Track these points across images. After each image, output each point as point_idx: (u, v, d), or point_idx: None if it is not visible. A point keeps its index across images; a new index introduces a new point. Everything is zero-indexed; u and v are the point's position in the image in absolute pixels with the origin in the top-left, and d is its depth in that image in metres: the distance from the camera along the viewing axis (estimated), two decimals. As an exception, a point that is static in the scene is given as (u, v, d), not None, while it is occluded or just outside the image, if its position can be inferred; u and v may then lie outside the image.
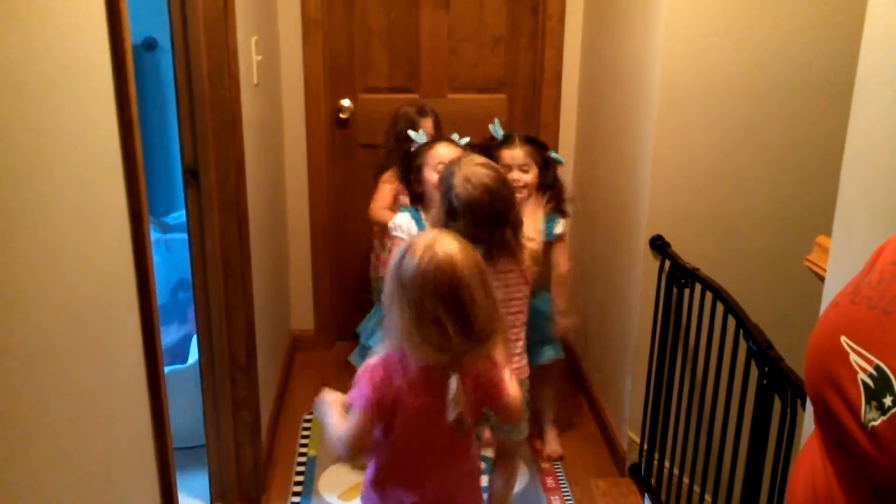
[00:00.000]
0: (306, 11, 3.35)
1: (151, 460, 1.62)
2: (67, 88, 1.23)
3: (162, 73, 3.54)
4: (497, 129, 2.70)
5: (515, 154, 2.60)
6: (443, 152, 2.48)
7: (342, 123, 3.55)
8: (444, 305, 1.55)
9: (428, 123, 2.91)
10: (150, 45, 3.59)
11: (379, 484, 1.75)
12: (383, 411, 1.63)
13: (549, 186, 2.65)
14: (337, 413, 1.67)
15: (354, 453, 1.69)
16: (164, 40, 3.38)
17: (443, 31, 3.46)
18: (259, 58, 2.72)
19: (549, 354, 2.85)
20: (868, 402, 0.81)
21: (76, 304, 1.26)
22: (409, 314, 1.56)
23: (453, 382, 1.59)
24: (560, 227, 2.69)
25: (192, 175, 2.30)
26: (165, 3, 2.16)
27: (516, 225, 2.12)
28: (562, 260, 2.74)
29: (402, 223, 2.44)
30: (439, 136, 2.87)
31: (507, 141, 2.64)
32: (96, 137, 1.35)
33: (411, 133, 2.67)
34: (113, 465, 1.42)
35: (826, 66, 2.48)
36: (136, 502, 1.55)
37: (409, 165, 2.54)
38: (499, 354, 1.73)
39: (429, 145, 2.55)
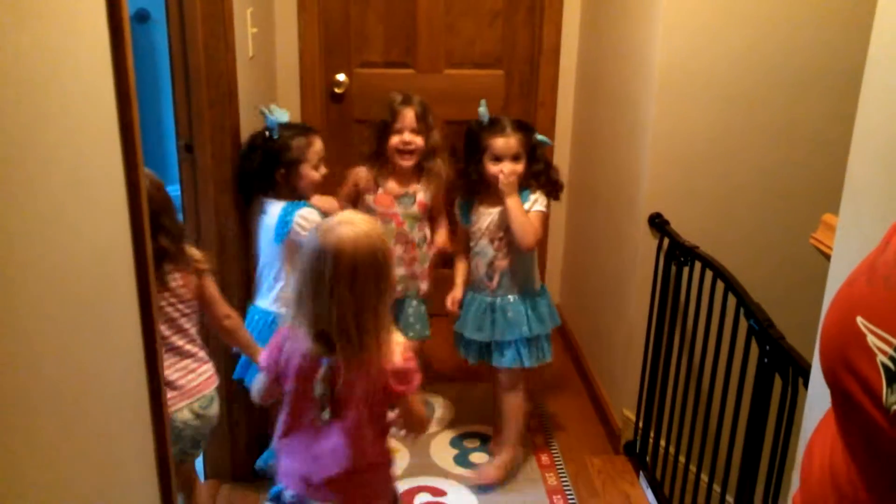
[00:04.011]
0: (302, -17, 3.30)
1: (149, 435, 1.60)
2: (63, 57, 1.19)
3: (155, 45, 3.49)
4: (485, 112, 2.54)
5: (511, 143, 2.47)
6: (322, 146, 2.41)
7: (337, 98, 3.51)
8: (324, 284, 1.62)
9: (409, 113, 2.67)
10: (142, 17, 3.55)
11: (279, 438, 1.84)
12: (277, 375, 1.79)
13: (541, 173, 2.54)
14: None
15: (264, 402, 1.91)
16: (157, 12, 3.34)
17: (440, 6, 3.42)
18: (254, 30, 2.68)
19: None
20: (890, 385, 0.79)
21: (73, 277, 1.24)
22: (302, 287, 1.67)
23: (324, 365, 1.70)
24: (532, 203, 2.51)
25: (186, 149, 2.27)
26: (159, -28, 2.12)
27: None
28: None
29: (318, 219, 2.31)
30: (423, 127, 2.69)
31: (499, 127, 2.49)
32: (93, 108, 1.32)
33: (262, 109, 2.42)
34: (111, 436, 1.41)
35: (827, 44, 2.46)
36: (133, 473, 1.54)
37: (274, 155, 2.37)
38: (389, 360, 1.71)
39: (307, 140, 2.41)
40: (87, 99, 1.30)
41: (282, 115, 2.42)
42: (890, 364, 0.79)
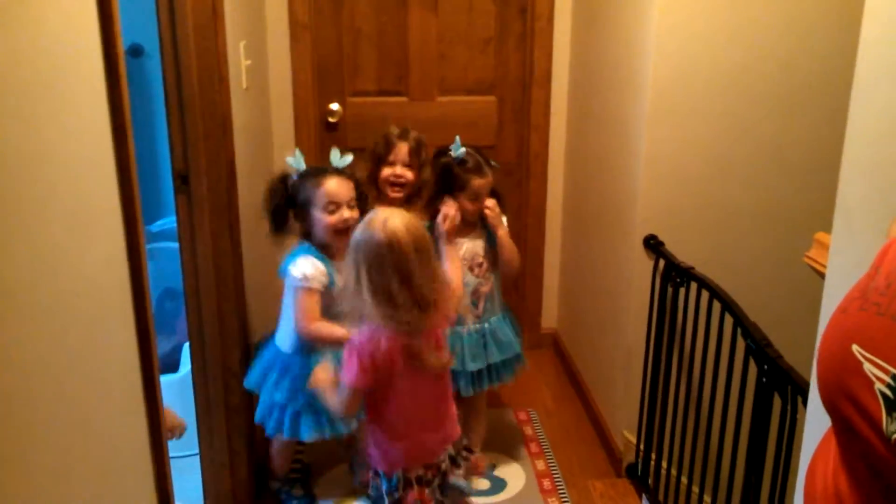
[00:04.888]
0: (294, 14, 3.33)
1: (148, 469, 1.60)
2: (60, 93, 1.21)
3: (148, 79, 3.51)
4: (457, 148, 2.56)
5: (489, 182, 2.56)
6: (333, 189, 2.37)
7: (331, 127, 3.52)
8: (396, 278, 1.83)
9: (403, 147, 2.69)
10: (136, 52, 3.56)
11: (391, 437, 2.03)
12: (373, 384, 1.93)
13: (496, 193, 2.64)
14: (329, 389, 2.03)
15: (350, 415, 2.19)
16: (151, 47, 3.36)
17: (431, 34, 3.45)
18: (248, 62, 2.70)
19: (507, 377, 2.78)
20: (889, 413, 0.79)
21: (70, 312, 1.24)
22: (371, 292, 1.85)
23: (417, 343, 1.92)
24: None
25: (182, 180, 2.28)
26: (152, 9, 2.13)
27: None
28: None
29: (309, 270, 2.35)
30: (415, 162, 2.70)
31: (478, 167, 2.55)
32: (89, 142, 1.33)
33: (288, 159, 2.47)
34: (110, 474, 1.40)
35: (820, 62, 2.48)
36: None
37: (289, 198, 2.42)
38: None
39: (316, 181, 2.39)
40: (84, 134, 1.31)
41: (298, 161, 2.46)
42: (888, 392, 0.79)
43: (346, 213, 2.38)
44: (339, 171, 2.45)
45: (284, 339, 2.47)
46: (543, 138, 3.55)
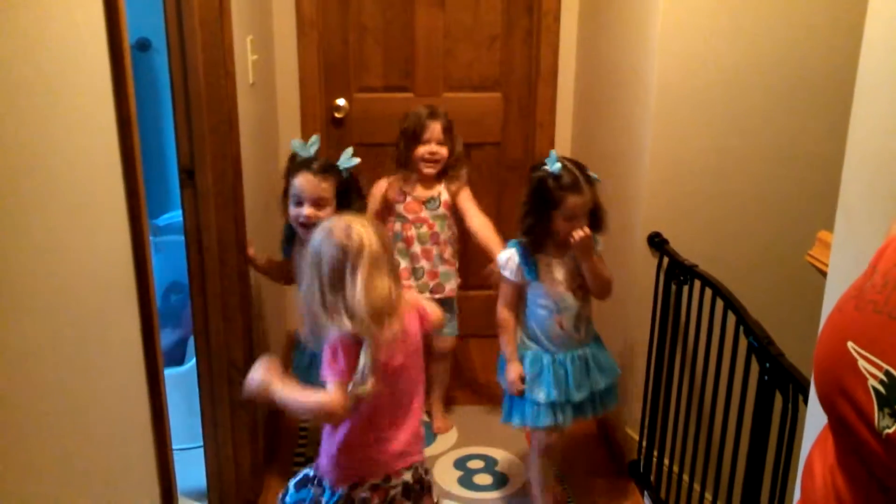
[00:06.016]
0: (301, 10, 3.34)
1: (152, 461, 1.61)
2: (65, 86, 1.22)
3: (156, 74, 3.52)
4: (556, 164, 2.31)
5: (586, 201, 2.31)
6: (300, 183, 2.38)
7: (338, 123, 3.53)
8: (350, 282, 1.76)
9: (436, 126, 2.85)
10: (143, 46, 3.58)
11: (354, 447, 1.89)
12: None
13: (597, 213, 2.39)
14: (293, 388, 1.83)
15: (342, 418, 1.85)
16: (158, 41, 3.37)
17: (438, 30, 3.45)
18: (254, 57, 2.71)
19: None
20: (881, 408, 0.80)
21: (75, 305, 1.25)
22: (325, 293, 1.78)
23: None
24: (598, 246, 2.42)
25: (188, 175, 2.29)
26: (160, 3, 2.14)
27: None
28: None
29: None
30: (448, 139, 2.88)
31: (575, 185, 2.28)
32: (94, 135, 1.34)
33: (293, 142, 2.49)
34: (113, 466, 1.41)
35: (823, 61, 2.48)
36: (136, 503, 1.54)
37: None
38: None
39: (295, 171, 2.41)
40: (89, 127, 1.31)
41: (304, 147, 2.44)
42: (881, 388, 0.80)
43: (306, 211, 2.38)
44: (325, 170, 2.42)
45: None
46: (549, 135, 3.55)
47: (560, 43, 3.45)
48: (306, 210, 2.38)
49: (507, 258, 2.42)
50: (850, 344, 0.85)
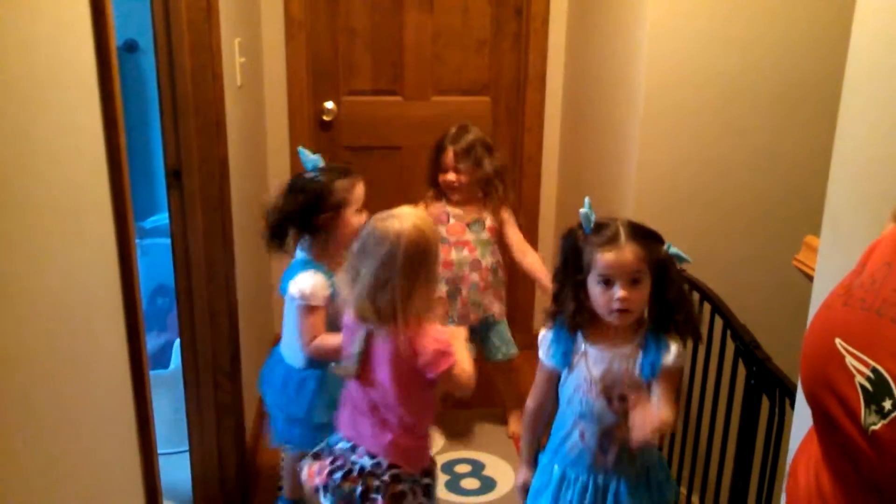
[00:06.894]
0: (289, 13, 3.33)
1: (136, 465, 1.60)
2: (51, 86, 1.21)
3: (143, 75, 3.51)
4: (589, 214, 1.79)
5: (626, 258, 1.71)
6: (363, 190, 2.22)
7: (326, 126, 3.53)
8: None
9: (449, 153, 2.72)
10: (131, 47, 3.56)
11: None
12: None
13: (679, 305, 1.80)
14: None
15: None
16: (146, 42, 3.36)
17: (427, 34, 3.46)
18: (242, 59, 2.70)
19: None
20: (867, 406, 0.80)
21: (59, 308, 1.24)
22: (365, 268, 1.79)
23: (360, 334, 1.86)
24: (673, 357, 1.80)
25: (174, 176, 2.28)
26: (147, 4, 2.13)
27: None
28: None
29: (307, 288, 2.16)
30: (467, 164, 2.72)
31: (609, 235, 1.74)
32: (80, 136, 1.33)
33: (305, 152, 2.26)
34: (98, 470, 1.40)
35: (812, 67, 2.50)
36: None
37: (317, 199, 2.17)
38: (429, 332, 1.82)
39: (350, 181, 2.21)
40: (74, 127, 1.31)
41: (315, 159, 2.25)
42: (867, 385, 0.80)
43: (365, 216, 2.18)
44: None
45: (292, 356, 2.29)
46: (537, 140, 3.56)
47: (548, 47, 3.46)
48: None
49: (543, 335, 1.92)
50: (837, 340, 0.85)
